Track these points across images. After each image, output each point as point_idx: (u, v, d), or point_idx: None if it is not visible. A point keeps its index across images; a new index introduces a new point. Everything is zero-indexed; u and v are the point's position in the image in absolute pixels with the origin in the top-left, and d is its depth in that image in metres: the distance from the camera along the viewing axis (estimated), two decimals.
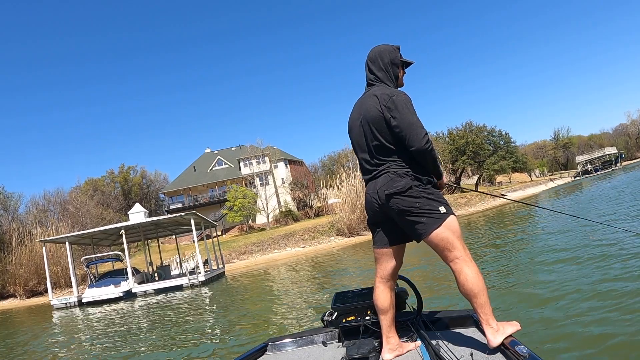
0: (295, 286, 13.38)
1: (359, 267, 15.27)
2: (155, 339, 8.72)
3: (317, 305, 8.72)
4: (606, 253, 7.31)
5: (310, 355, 2.43)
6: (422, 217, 2.12)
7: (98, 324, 13.04)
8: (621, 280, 5.58)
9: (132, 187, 65.51)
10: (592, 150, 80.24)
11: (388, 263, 2.31)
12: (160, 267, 24.75)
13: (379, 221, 2.31)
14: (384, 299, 2.29)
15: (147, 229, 24.78)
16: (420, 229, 2.14)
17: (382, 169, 2.22)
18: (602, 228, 9.09)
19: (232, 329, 8.25)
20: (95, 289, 20.14)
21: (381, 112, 2.19)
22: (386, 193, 2.15)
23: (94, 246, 25.33)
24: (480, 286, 2.07)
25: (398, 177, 2.16)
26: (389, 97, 2.18)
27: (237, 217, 44.43)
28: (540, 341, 4.11)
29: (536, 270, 7.53)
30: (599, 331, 4.10)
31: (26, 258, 30.42)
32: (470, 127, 52.89)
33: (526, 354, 1.78)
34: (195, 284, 19.24)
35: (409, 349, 2.25)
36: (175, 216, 21.42)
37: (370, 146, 2.27)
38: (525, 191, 49.26)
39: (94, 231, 22.52)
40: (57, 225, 35.53)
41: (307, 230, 34.82)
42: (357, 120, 2.35)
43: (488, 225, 21.28)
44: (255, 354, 2.52)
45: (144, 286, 20.22)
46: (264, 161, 50.16)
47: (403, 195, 2.13)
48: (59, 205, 51.51)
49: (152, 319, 11.90)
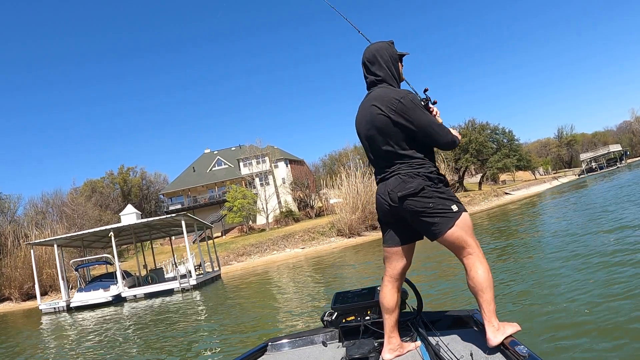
0: (290, 289, 13.02)
1: (360, 268, 14.77)
2: (135, 347, 8.28)
3: (313, 310, 8.36)
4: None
5: (310, 355, 2.42)
6: (435, 217, 2.12)
7: (73, 332, 12.48)
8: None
9: (132, 188, 64.96)
10: (596, 147, 79.36)
11: (398, 262, 2.31)
12: (154, 270, 24.06)
13: (390, 221, 2.30)
14: (390, 298, 2.29)
15: (140, 231, 24.10)
16: (435, 229, 2.14)
17: (393, 171, 2.21)
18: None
19: (217, 335, 7.89)
20: (84, 294, 19.48)
21: (390, 117, 2.17)
22: (399, 195, 2.14)
23: (85, 249, 24.65)
24: (488, 283, 2.09)
25: (410, 178, 2.15)
26: (397, 101, 2.16)
27: (237, 217, 43.75)
28: (539, 340, 4.07)
29: (541, 271, 7.31)
30: (600, 332, 4.03)
31: (22, 261, 29.86)
32: (473, 125, 52.09)
33: (526, 354, 1.76)
34: (186, 287, 18.56)
35: (409, 349, 2.25)
36: (165, 217, 20.73)
37: (380, 150, 2.25)
38: (530, 189, 48.37)
39: (84, 233, 21.83)
40: (53, 227, 35.16)
41: (307, 231, 34.16)
42: (364, 126, 2.32)
43: (492, 223, 20.55)
44: (255, 354, 2.50)
45: (133, 290, 19.55)
46: (263, 161, 49.47)
47: (416, 196, 2.12)
48: (57, 207, 51.13)
49: (134, 326, 11.37)
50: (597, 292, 5.20)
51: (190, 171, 56.19)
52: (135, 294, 19.17)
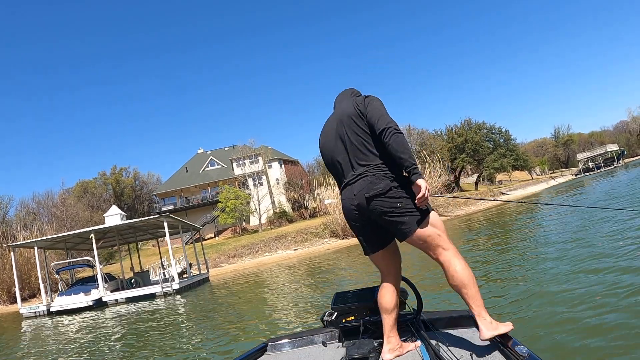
0: (277, 292, 12.58)
1: (356, 268, 14.26)
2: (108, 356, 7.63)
3: (304, 315, 7.90)
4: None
5: (310, 355, 2.42)
6: (404, 216, 2.11)
7: (51, 339, 11.75)
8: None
9: (124, 188, 64.17)
10: (593, 147, 78.99)
11: (387, 264, 2.31)
12: (139, 273, 23.29)
13: (360, 227, 2.28)
14: (389, 299, 2.27)
15: (126, 233, 23.35)
16: (404, 228, 2.12)
17: (359, 174, 2.19)
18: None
19: (188, 346, 7.36)
20: (64, 297, 18.76)
21: (357, 108, 2.24)
22: (366, 196, 2.13)
23: (70, 251, 23.88)
24: (469, 277, 2.06)
25: (377, 179, 2.13)
26: (364, 97, 2.30)
27: (229, 218, 43.04)
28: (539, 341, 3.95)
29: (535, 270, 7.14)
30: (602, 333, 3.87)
31: (9, 263, 29.11)
32: (470, 125, 51.58)
33: (526, 354, 1.75)
34: (169, 292, 17.81)
35: (409, 349, 2.23)
36: (149, 219, 19.98)
37: (347, 150, 2.24)
38: (527, 189, 47.87)
39: (65, 235, 21.07)
40: (42, 228, 34.45)
41: (300, 232, 33.52)
42: (332, 125, 2.35)
43: (488, 224, 19.98)
44: (255, 354, 2.49)
45: (115, 294, 18.83)
46: (256, 161, 48.75)
47: (384, 197, 2.11)
48: (47, 208, 50.35)
49: (106, 334, 10.64)
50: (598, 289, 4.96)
51: (183, 171, 55.41)
52: (116, 299, 18.46)
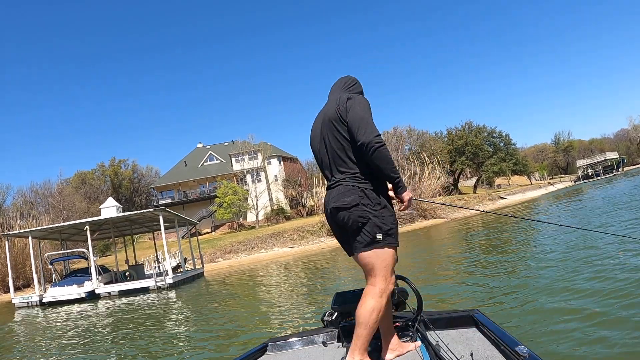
0: (270, 289, 12.49)
1: (353, 268, 14.11)
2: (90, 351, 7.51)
3: (292, 314, 7.77)
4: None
5: (310, 356, 2.41)
6: (358, 234, 2.09)
7: (40, 331, 11.63)
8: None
9: (123, 180, 64.02)
10: (593, 154, 78.87)
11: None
12: (134, 266, 23.16)
13: (336, 230, 2.27)
14: None
15: (121, 225, 23.23)
16: (354, 245, 2.13)
17: (337, 181, 2.18)
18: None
19: (182, 340, 7.28)
20: (57, 289, 18.65)
21: (338, 112, 2.17)
22: (331, 206, 2.15)
23: (65, 242, 23.74)
24: (370, 320, 2.02)
25: (347, 191, 2.10)
26: (347, 98, 2.20)
27: (227, 214, 42.91)
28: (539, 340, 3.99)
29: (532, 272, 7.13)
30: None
31: (4, 252, 29.01)
32: (470, 128, 51.46)
33: (526, 354, 1.74)
34: (162, 286, 17.71)
35: (409, 349, 2.21)
36: (144, 212, 19.87)
37: (328, 154, 2.24)
38: (525, 194, 47.73)
39: (60, 226, 20.95)
40: (39, 218, 34.33)
41: (297, 230, 33.40)
42: (318, 124, 2.34)
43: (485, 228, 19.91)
44: (255, 354, 2.49)
45: (108, 287, 18.71)
46: (255, 157, 48.60)
47: (348, 210, 2.09)
48: (45, 197, 50.23)
49: (92, 327, 10.51)
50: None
51: (182, 165, 55.24)
52: (109, 291, 18.35)
